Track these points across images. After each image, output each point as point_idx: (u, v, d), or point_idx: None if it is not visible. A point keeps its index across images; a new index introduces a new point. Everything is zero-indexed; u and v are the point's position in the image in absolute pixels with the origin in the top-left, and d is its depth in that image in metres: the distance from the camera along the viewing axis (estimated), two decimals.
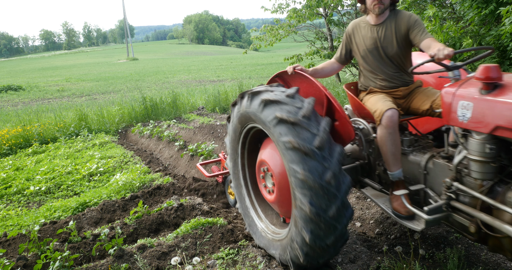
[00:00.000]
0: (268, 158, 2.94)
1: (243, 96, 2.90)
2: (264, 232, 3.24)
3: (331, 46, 11.63)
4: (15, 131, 9.52)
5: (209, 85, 18.28)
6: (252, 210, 3.44)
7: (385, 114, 2.66)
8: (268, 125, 2.56)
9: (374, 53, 3.03)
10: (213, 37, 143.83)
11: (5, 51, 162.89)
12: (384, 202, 2.93)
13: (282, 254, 2.87)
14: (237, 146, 3.34)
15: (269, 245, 3.12)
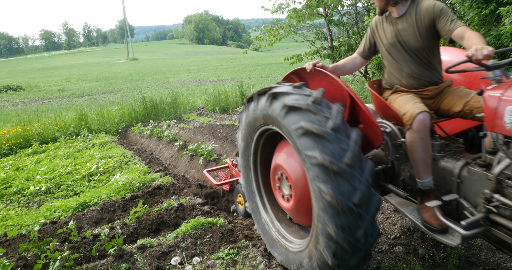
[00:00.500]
0: (285, 163, 2.72)
1: (261, 95, 2.66)
2: (276, 235, 3.05)
3: (331, 46, 11.63)
4: (15, 131, 9.52)
5: (209, 85, 18.28)
6: (264, 212, 3.26)
7: (416, 118, 2.43)
8: (291, 133, 2.33)
9: (397, 47, 2.81)
10: (213, 37, 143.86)
11: (5, 51, 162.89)
12: (411, 211, 2.67)
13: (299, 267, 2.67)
14: (250, 145, 3.09)
15: (288, 260, 2.87)
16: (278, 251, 3.01)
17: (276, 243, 3.05)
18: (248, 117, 2.83)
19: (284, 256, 2.90)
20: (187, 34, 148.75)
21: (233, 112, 11.95)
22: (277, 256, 3.01)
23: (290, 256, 2.81)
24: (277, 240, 3.04)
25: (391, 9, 2.79)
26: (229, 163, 4.75)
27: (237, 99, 12.78)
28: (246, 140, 3.04)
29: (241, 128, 3.01)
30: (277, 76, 20.82)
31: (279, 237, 3.05)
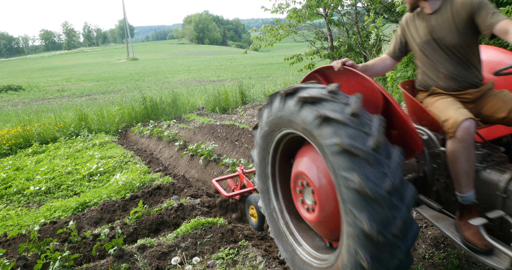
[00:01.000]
0: (307, 170, 2.47)
1: (273, 98, 2.46)
2: (306, 258, 2.71)
3: (331, 46, 11.63)
4: (15, 131, 9.52)
5: (209, 85, 18.29)
6: (287, 232, 2.91)
7: (461, 125, 2.17)
8: (308, 127, 2.12)
9: (431, 45, 2.57)
10: (213, 37, 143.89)
11: (5, 51, 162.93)
12: (448, 227, 2.41)
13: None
14: (267, 156, 2.83)
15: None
16: None
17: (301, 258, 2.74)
18: (270, 116, 2.53)
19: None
20: (187, 34, 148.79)
21: (233, 112, 11.95)
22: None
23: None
24: (308, 263, 2.67)
25: (423, 4, 2.57)
26: (239, 172, 4.45)
27: (237, 99, 12.78)
28: (266, 140, 2.74)
29: (261, 125, 2.70)
30: (277, 76, 20.81)
31: (309, 259, 2.69)
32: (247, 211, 4.00)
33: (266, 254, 3.33)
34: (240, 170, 4.45)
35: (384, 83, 9.48)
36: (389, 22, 10.91)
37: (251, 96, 13.07)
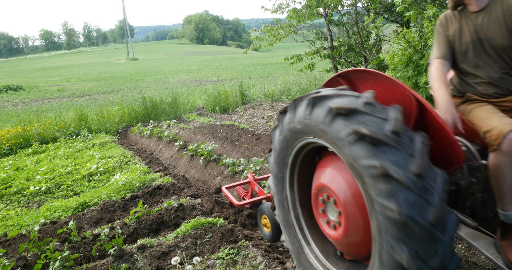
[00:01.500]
0: (331, 183, 2.24)
1: (298, 102, 2.22)
2: (313, 262, 2.56)
3: (331, 46, 11.63)
4: (15, 131, 9.52)
5: (209, 85, 18.29)
6: (297, 225, 2.73)
7: (507, 137, 1.99)
8: (339, 142, 1.90)
9: (475, 47, 2.36)
10: (213, 37, 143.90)
11: (5, 51, 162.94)
12: (487, 247, 2.20)
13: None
14: (285, 165, 2.59)
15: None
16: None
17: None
18: (282, 132, 2.39)
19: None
20: (187, 34, 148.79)
21: (233, 112, 11.95)
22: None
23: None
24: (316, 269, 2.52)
25: (469, 1, 2.37)
26: (250, 178, 4.24)
27: (237, 99, 12.78)
28: (281, 159, 2.53)
29: (274, 146, 2.54)
30: (277, 76, 20.82)
31: (316, 264, 2.54)
32: (259, 221, 3.74)
33: (266, 254, 3.33)
34: (251, 177, 4.23)
35: None
36: (389, 22, 10.91)
37: (251, 96, 13.07)
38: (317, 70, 13.79)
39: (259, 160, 5.07)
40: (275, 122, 9.11)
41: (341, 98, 1.95)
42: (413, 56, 6.34)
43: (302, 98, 2.18)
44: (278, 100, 11.91)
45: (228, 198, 4.14)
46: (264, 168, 5.68)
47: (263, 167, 5.62)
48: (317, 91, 2.15)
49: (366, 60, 11.13)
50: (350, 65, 11.94)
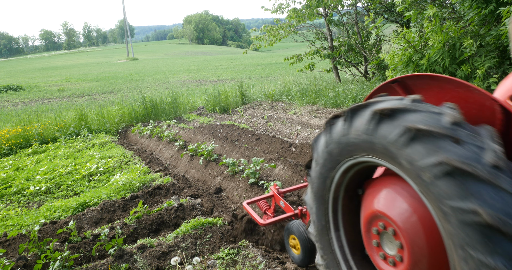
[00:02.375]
0: (391, 210, 1.85)
1: (357, 112, 1.87)
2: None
3: (331, 46, 11.63)
4: (15, 131, 9.52)
5: (209, 85, 18.29)
6: None
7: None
8: (390, 147, 1.63)
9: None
10: (213, 37, 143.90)
11: (5, 51, 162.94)
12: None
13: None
14: (330, 183, 2.20)
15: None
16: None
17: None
18: (330, 144, 2.04)
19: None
20: (187, 34, 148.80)
21: (233, 112, 11.96)
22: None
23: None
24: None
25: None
26: (274, 192, 3.76)
27: (237, 99, 12.78)
28: (324, 175, 2.18)
29: (316, 158, 2.18)
30: (277, 76, 20.82)
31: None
32: (286, 242, 3.33)
33: (266, 254, 3.33)
34: (274, 190, 3.79)
35: None
36: (389, 22, 10.91)
37: (251, 96, 13.07)
38: (317, 70, 13.79)
39: (259, 160, 5.07)
40: (275, 122, 9.12)
41: (418, 114, 1.58)
42: (413, 56, 6.34)
43: (362, 108, 1.81)
44: (278, 100, 11.91)
45: (251, 215, 3.64)
46: (264, 168, 5.68)
47: (263, 167, 5.62)
48: (378, 100, 1.78)
49: (366, 60, 11.13)
50: (350, 65, 11.94)
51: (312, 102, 10.23)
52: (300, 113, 9.60)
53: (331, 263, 2.33)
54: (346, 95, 9.51)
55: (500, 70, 5.61)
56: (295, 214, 3.44)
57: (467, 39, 5.54)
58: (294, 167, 5.46)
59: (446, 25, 5.86)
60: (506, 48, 5.50)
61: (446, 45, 5.98)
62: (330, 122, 2.04)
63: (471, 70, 5.69)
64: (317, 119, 8.64)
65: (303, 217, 3.38)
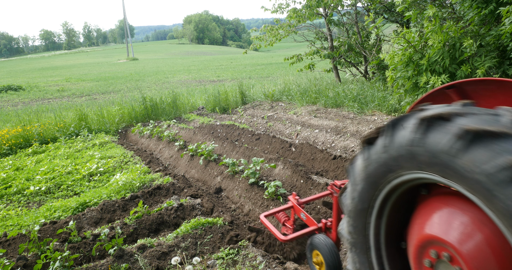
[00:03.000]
0: (446, 233, 1.61)
1: (371, 139, 1.77)
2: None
3: (331, 46, 11.63)
4: (15, 131, 9.52)
5: (209, 85, 18.29)
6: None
7: None
8: (443, 157, 1.43)
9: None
10: (213, 37, 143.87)
11: (5, 51, 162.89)
12: None
13: None
14: (370, 209, 1.91)
15: None
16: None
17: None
18: (369, 165, 1.81)
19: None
20: (187, 34, 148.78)
21: (233, 112, 11.96)
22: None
23: None
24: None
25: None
26: (293, 202, 3.48)
27: (237, 99, 12.78)
28: (363, 202, 1.93)
29: (353, 183, 1.94)
30: (277, 76, 20.82)
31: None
32: (309, 258, 3.06)
33: (266, 254, 3.33)
34: (294, 200, 3.50)
35: (384, 83, 9.47)
36: (389, 22, 10.91)
37: (251, 96, 13.08)
38: (317, 70, 13.79)
39: (259, 160, 5.07)
40: (275, 122, 9.12)
41: (473, 117, 1.44)
42: (413, 56, 6.33)
43: (406, 118, 1.62)
44: (278, 100, 11.91)
45: (270, 230, 3.35)
46: (264, 168, 5.68)
47: (263, 167, 5.62)
48: (423, 108, 1.62)
49: (366, 60, 11.13)
50: (350, 65, 11.94)
51: (312, 102, 10.23)
52: (300, 113, 9.60)
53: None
54: (346, 95, 9.51)
55: (500, 70, 5.61)
56: (319, 228, 3.18)
57: (467, 39, 5.54)
58: (294, 167, 5.46)
59: (446, 25, 5.86)
60: (506, 48, 5.50)
61: (446, 45, 5.98)
62: (367, 140, 1.81)
63: (471, 70, 5.69)
64: (317, 119, 8.64)
65: (327, 230, 3.12)
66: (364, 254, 1.99)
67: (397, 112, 7.66)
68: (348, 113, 8.62)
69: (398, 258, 1.96)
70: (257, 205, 4.60)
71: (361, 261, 2.02)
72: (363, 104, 8.55)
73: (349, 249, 2.08)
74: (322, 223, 3.14)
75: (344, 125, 7.58)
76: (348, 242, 2.06)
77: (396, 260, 1.96)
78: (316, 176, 5.24)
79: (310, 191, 4.82)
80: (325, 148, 6.60)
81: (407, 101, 6.69)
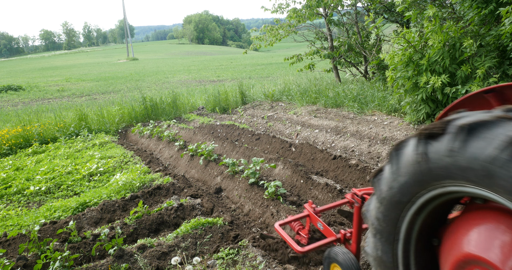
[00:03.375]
0: (488, 252, 1.46)
1: (401, 147, 1.66)
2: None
3: (331, 46, 11.63)
4: (15, 131, 9.52)
5: (209, 85, 18.29)
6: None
7: None
8: (488, 167, 1.31)
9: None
10: (213, 37, 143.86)
11: (5, 51, 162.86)
12: None
13: None
14: (411, 202, 1.73)
15: None
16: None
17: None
18: (398, 177, 1.70)
19: None
20: (187, 34, 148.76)
21: (233, 112, 11.96)
22: None
23: None
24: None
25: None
26: (309, 211, 3.31)
27: (237, 99, 12.78)
28: (391, 217, 1.82)
29: (395, 172, 1.74)
30: (277, 76, 20.82)
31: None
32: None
33: (266, 254, 3.33)
34: (310, 209, 3.32)
35: (384, 83, 9.47)
36: (389, 22, 10.91)
37: (251, 96, 13.08)
38: (317, 70, 13.79)
39: (259, 160, 5.07)
40: (275, 122, 9.12)
41: (467, 117, 1.39)
42: (413, 56, 6.34)
43: (442, 125, 1.49)
44: (278, 100, 11.91)
45: (286, 240, 3.16)
46: (264, 168, 5.68)
47: (263, 167, 5.62)
48: (460, 115, 1.49)
49: (366, 60, 11.13)
50: (350, 65, 11.94)
51: (312, 102, 10.23)
52: (300, 113, 9.60)
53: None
54: (346, 95, 9.51)
55: (500, 70, 5.61)
56: (337, 238, 3.01)
57: (467, 39, 5.54)
58: (294, 167, 5.46)
59: (446, 25, 5.86)
60: (506, 48, 5.50)
61: (446, 45, 5.98)
62: (396, 150, 1.67)
63: (471, 70, 5.69)
64: (317, 119, 8.64)
65: (346, 242, 2.98)
66: (389, 244, 1.88)
67: (397, 112, 7.65)
68: (348, 113, 8.62)
69: (426, 254, 1.85)
70: (257, 205, 4.60)
71: (384, 249, 1.92)
72: (363, 104, 8.54)
73: (372, 234, 1.96)
74: (341, 234, 2.99)
75: (344, 125, 7.58)
76: (372, 227, 1.93)
77: (424, 255, 1.85)
78: (316, 176, 5.24)
79: (310, 191, 4.82)
80: (325, 148, 6.60)
81: (407, 101, 6.69)
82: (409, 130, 6.50)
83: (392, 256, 1.88)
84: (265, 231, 4.09)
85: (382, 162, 5.67)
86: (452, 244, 1.65)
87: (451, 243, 1.67)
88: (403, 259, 1.85)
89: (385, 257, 1.91)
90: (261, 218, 4.40)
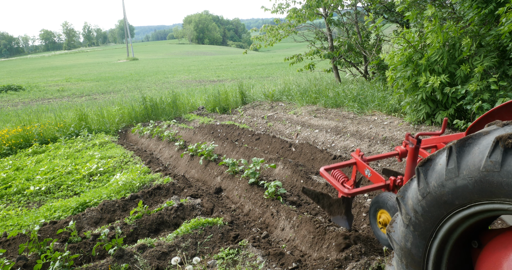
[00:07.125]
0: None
1: (463, 147, 1.49)
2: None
3: (331, 46, 11.63)
4: (15, 131, 9.52)
5: (209, 85, 18.29)
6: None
7: None
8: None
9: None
10: (213, 37, 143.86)
11: (5, 51, 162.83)
12: None
13: None
14: (443, 220, 1.64)
15: None
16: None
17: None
18: (427, 195, 1.61)
19: None
20: (187, 34, 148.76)
21: (233, 112, 11.96)
22: None
23: None
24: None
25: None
26: (357, 158, 3.18)
27: (237, 99, 12.79)
28: (419, 238, 1.76)
29: (406, 216, 1.74)
30: (277, 76, 20.82)
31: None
32: (372, 219, 2.81)
33: (266, 254, 3.33)
34: (357, 157, 3.18)
35: (384, 83, 9.48)
36: (389, 22, 10.91)
37: (251, 96, 13.08)
38: (317, 70, 13.79)
39: (259, 160, 5.07)
40: (275, 122, 9.12)
41: (503, 129, 1.30)
42: (412, 56, 6.34)
43: (477, 138, 1.39)
44: (278, 100, 11.91)
45: (332, 184, 3.10)
46: (264, 168, 5.68)
47: (263, 167, 5.62)
48: (497, 127, 1.41)
49: (366, 60, 11.13)
50: (350, 65, 11.94)
51: (312, 102, 10.23)
52: (300, 113, 9.60)
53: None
54: (346, 95, 9.51)
55: (500, 70, 5.61)
56: (386, 184, 2.91)
57: (466, 39, 5.55)
58: (294, 167, 5.46)
59: (446, 25, 5.87)
60: (506, 48, 5.50)
61: (446, 45, 5.98)
62: (461, 146, 1.48)
63: (470, 69, 5.70)
64: (317, 119, 8.64)
65: (395, 188, 2.87)
66: (423, 240, 1.75)
67: (397, 112, 7.65)
68: (348, 113, 8.62)
69: (461, 255, 1.75)
70: (257, 205, 4.61)
71: (416, 243, 1.79)
72: (363, 104, 8.54)
73: (404, 223, 1.81)
74: (391, 180, 2.85)
75: (344, 125, 7.58)
76: (407, 219, 1.77)
77: (458, 256, 1.75)
78: (316, 176, 5.23)
79: None
80: (325, 148, 6.60)
81: (407, 101, 6.69)
82: (409, 130, 6.50)
83: (424, 252, 1.77)
84: (265, 231, 4.09)
85: (382, 162, 5.67)
86: (500, 253, 1.51)
87: (497, 251, 1.54)
88: (435, 257, 1.75)
89: (414, 251, 1.80)
90: (261, 218, 4.40)
